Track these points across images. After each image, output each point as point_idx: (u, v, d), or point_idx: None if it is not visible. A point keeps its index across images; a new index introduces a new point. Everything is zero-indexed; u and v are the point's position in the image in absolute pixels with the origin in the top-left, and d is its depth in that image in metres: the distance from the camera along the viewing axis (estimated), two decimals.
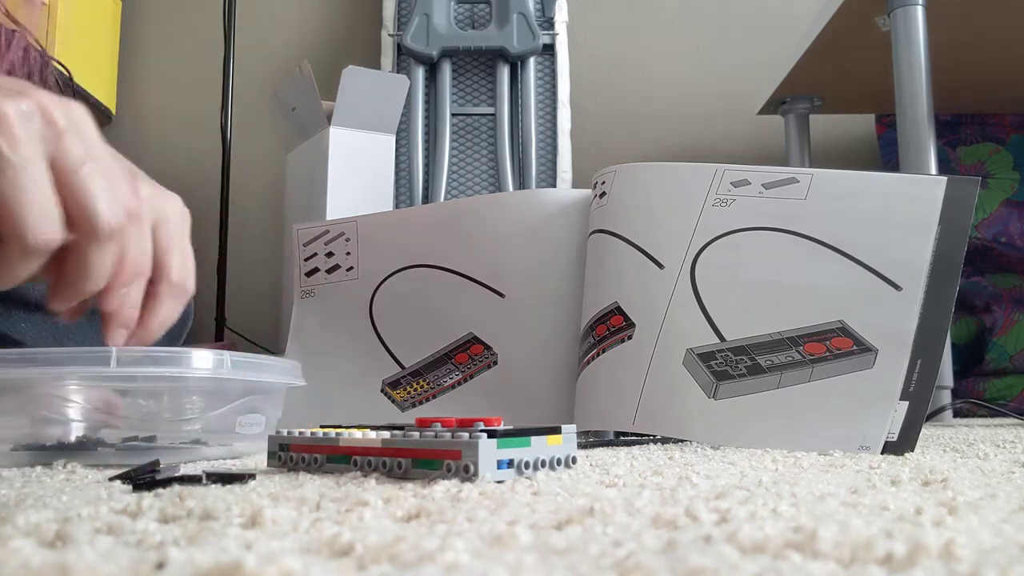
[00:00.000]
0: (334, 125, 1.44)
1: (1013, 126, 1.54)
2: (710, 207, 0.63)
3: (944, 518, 0.25)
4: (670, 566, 0.18)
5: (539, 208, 0.72)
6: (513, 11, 1.61)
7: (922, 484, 0.34)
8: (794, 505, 0.28)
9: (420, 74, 1.63)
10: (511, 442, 0.35)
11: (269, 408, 0.52)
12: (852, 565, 0.18)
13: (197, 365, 0.45)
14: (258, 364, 0.49)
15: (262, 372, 0.50)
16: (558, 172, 1.60)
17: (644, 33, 1.88)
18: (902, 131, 1.04)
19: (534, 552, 0.20)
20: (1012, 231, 1.47)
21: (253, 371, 0.49)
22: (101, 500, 0.29)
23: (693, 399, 0.58)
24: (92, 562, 0.18)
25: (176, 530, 0.23)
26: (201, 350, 0.46)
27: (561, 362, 0.68)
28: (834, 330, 0.57)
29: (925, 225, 0.57)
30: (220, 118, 1.72)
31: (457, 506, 0.27)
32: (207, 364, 0.45)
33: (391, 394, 0.72)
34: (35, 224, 0.35)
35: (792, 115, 1.51)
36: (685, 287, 0.61)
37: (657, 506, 0.27)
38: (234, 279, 1.77)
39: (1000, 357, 1.43)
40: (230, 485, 0.34)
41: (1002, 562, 0.18)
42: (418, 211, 1.05)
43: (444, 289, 0.73)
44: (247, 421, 0.50)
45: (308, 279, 0.78)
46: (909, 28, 1.04)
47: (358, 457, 0.38)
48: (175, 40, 1.90)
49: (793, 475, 0.38)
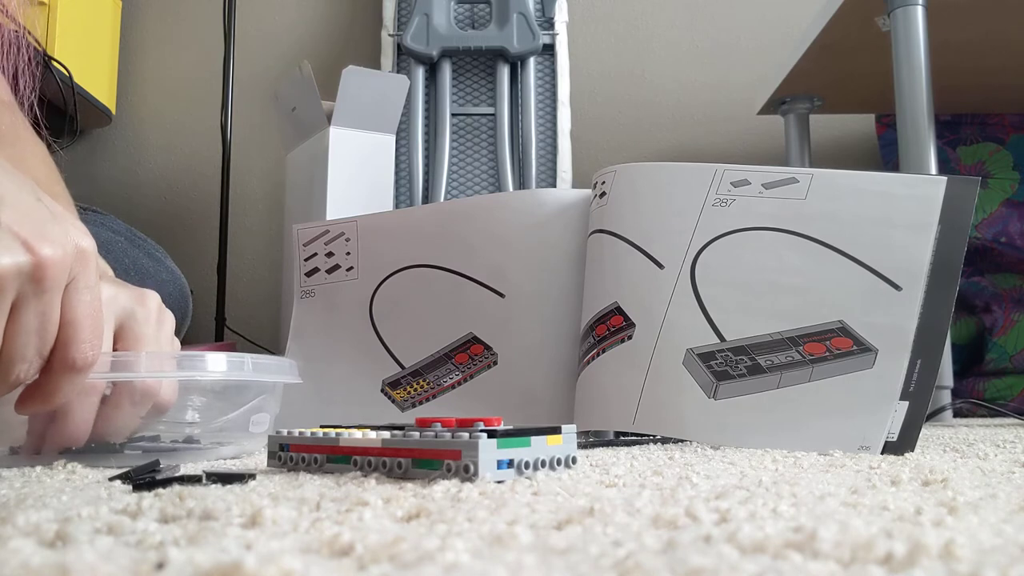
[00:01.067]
0: (334, 125, 1.43)
1: (1013, 126, 1.54)
2: (710, 207, 0.63)
3: (944, 518, 0.25)
4: (670, 566, 0.18)
5: (539, 208, 0.72)
6: (513, 11, 1.61)
7: (922, 484, 0.34)
8: (794, 505, 0.28)
9: (420, 74, 1.63)
10: (511, 442, 0.35)
11: (273, 406, 0.53)
12: (852, 565, 0.18)
13: (215, 368, 0.47)
14: (270, 365, 0.50)
15: (273, 373, 0.51)
16: (558, 172, 1.60)
17: (644, 33, 1.88)
18: (902, 131, 1.04)
19: (534, 552, 0.20)
20: (1012, 231, 1.47)
21: (267, 372, 0.50)
22: (101, 500, 0.29)
23: (693, 399, 0.58)
24: (92, 562, 0.18)
25: (176, 530, 0.23)
26: (217, 353, 0.47)
27: (561, 362, 0.68)
28: (834, 330, 0.57)
29: (925, 225, 0.57)
30: (220, 118, 1.72)
31: (457, 506, 0.27)
32: (222, 367, 0.47)
33: (391, 394, 0.72)
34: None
35: (792, 115, 1.51)
36: (685, 287, 0.61)
37: (657, 506, 0.27)
38: (234, 279, 1.77)
39: (1000, 357, 1.43)
40: (230, 485, 0.34)
41: (1002, 562, 0.18)
42: (418, 211, 1.05)
43: (444, 289, 0.73)
44: (258, 420, 0.51)
45: (308, 279, 0.78)
46: (909, 28, 1.04)
47: (358, 457, 0.38)
48: (175, 40, 1.90)
49: (793, 475, 0.38)
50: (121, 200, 1.82)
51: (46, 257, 0.36)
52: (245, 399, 0.50)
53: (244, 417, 0.50)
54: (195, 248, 1.79)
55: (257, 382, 0.50)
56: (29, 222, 0.36)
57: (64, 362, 0.38)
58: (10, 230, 0.35)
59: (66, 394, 0.39)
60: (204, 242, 1.80)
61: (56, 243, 0.36)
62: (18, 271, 0.35)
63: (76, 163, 1.79)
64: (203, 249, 1.78)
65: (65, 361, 0.38)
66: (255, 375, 0.49)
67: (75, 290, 0.38)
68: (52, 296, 0.37)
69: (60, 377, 0.39)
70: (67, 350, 0.38)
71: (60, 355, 0.38)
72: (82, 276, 0.38)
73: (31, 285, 0.36)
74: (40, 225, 0.36)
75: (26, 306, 0.36)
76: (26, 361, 0.37)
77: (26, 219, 0.36)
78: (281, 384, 0.54)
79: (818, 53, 1.27)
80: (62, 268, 0.37)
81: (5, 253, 0.35)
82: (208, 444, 0.49)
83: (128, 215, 1.66)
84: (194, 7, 1.89)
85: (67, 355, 0.38)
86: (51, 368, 0.38)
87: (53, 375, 0.39)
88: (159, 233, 1.70)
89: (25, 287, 0.36)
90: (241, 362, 0.48)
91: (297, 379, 0.54)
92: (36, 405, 0.39)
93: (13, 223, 0.36)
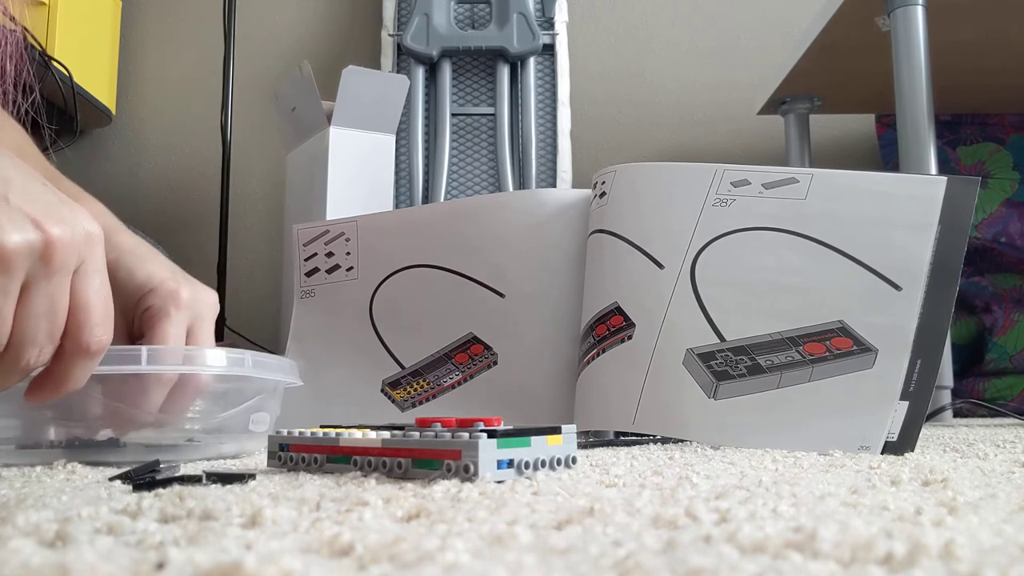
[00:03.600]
0: (334, 125, 1.43)
1: (1013, 126, 1.54)
2: (710, 207, 0.63)
3: (944, 518, 0.25)
4: (670, 566, 0.18)
5: (539, 208, 0.72)
6: (513, 11, 1.61)
7: (922, 484, 0.34)
8: (794, 505, 0.28)
9: (420, 74, 1.63)
10: (511, 442, 0.35)
11: (273, 406, 0.53)
12: (852, 565, 0.18)
13: (215, 363, 0.47)
14: (270, 363, 0.50)
15: (273, 371, 0.51)
16: (558, 172, 1.60)
17: (644, 33, 1.88)
18: (902, 131, 1.04)
19: (534, 552, 0.20)
20: (1012, 231, 1.47)
21: (267, 370, 0.50)
22: (101, 500, 0.29)
23: (693, 399, 0.58)
24: (92, 562, 0.18)
25: (176, 530, 0.23)
26: (217, 349, 0.48)
27: (561, 362, 0.68)
28: (834, 330, 0.57)
29: (925, 225, 0.57)
30: (220, 118, 1.72)
31: (457, 506, 0.27)
32: (222, 362, 0.47)
33: (391, 394, 0.72)
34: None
35: (792, 115, 1.51)
36: (685, 287, 0.61)
37: (657, 506, 0.27)
38: (234, 279, 1.77)
39: (1000, 357, 1.43)
40: (230, 485, 0.34)
41: (1002, 562, 0.18)
42: (418, 211, 1.05)
43: (444, 289, 0.73)
44: (257, 419, 0.51)
45: (308, 279, 0.78)
46: (909, 28, 1.04)
47: (358, 457, 0.38)
48: (175, 40, 1.90)
49: (793, 475, 0.38)
50: (121, 200, 1.82)
51: (56, 236, 0.36)
52: (244, 397, 0.50)
53: (244, 416, 0.50)
54: (195, 248, 1.79)
55: (257, 380, 0.50)
56: (39, 204, 0.36)
57: (77, 346, 0.38)
58: (20, 210, 0.35)
59: (79, 381, 0.39)
60: (204, 242, 1.80)
61: (65, 224, 0.36)
62: (29, 249, 0.35)
63: (76, 163, 1.79)
64: (203, 249, 1.78)
65: (79, 345, 0.38)
66: (255, 372, 0.49)
67: (84, 273, 0.38)
68: (62, 278, 0.37)
69: (73, 362, 0.38)
70: (80, 334, 0.38)
71: (72, 339, 0.38)
72: (91, 260, 0.38)
73: (41, 266, 0.36)
74: (50, 207, 0.36)
75: (36, 288, 0.36)
76: (37, 346, 0.37)
77: (36, 201, 0.36)
78: (282, 384, 0.54)
79: (818, 53, 1.27)
80: (72, 249, 0.36)
81: (15, 230, 0.34)
82: (206, 441, 0.50)
83: (128, 215, 1.65)
84: (194, 7, 1.89)
85: (80, 339, 0.38)
86: (63, 353, 0.38)
87: (65, 360, 0.38)
88: (159, 233, 1.70)
89: (35, 268, 0.35)
90: (241, 359, 0.48)
91: (297, 381, 0.54)
92: (47, 393, 0.39)
93: (23, 203, 0.35)
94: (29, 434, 0.45)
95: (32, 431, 0.45)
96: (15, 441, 0.45)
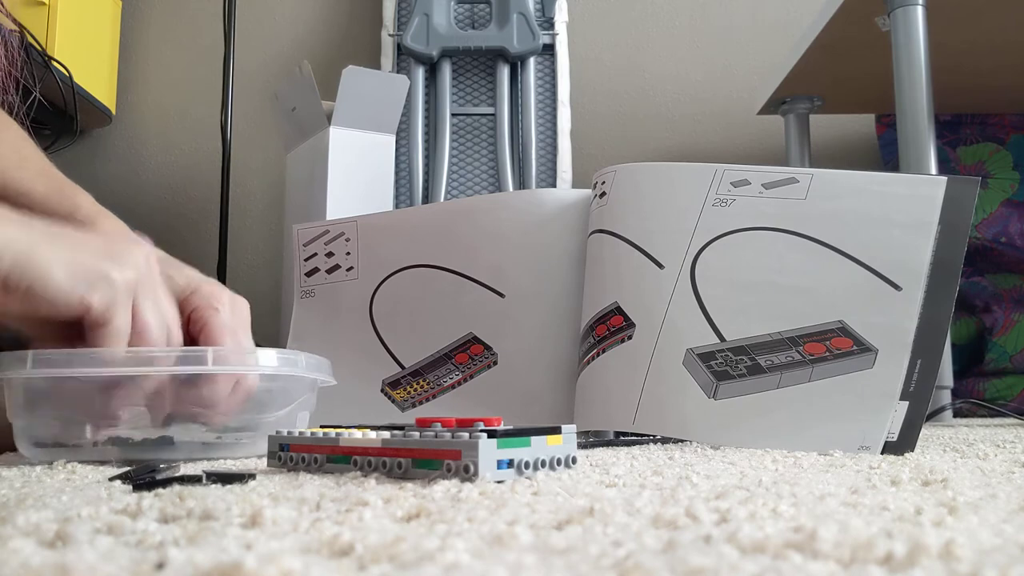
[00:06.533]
0: (334, 125, 1.43)
1: (1013, 126, 1.54)
2: (710, 207, 0.63)
3: (944, 518, 0.25)
4: (670, 566, 0.18)
5: (539, 208, 0.72)
6: (513, 11, 1.61)
7: (922, 484, 0.34)
8: (794, 505, 0.28)
9: (420, 74, 1.63)
10: (511, 442, 0.35)
11: (314, 404, 0.55)
12: (852, 565, 0.18)
13: (265, 363, 0.49)
14: (315, 364, 0.52)
15: (318, 371, 0.52)
16: (558, 172, 1.60)
17: (644, 33, 1.88)
18: (902, 131, 1.04)
19: (534, 552, 0.20)
20: (1012, 231, 1.47)
21: (314, 370, 0.52)
22: (101, 500, 0.29)
23: (693, 399, 0.58)
24: (92, 562, 0.18)
25: (176, 530, 0.23)
26: (269, 350, 0.49)
27: (561, 362, 0.68)
28: (834, 330, 0.57)
29: (925, 225, 0.57)
30: (220, 118, 1.72)
31: (457, 506, 0.27)
32: (274, 362, 0.49)
33: (391, 394, 0.72)
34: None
35: (792, 115, 1.51)
36: (685, 287, 0.61)
37: (657, 506, 0.27)
38: (234, 279, 1.77)
39: (1000, 357, 1.43)
40: (230, 485, 0.34)
41: (1002, 562, 0.18)
42: (418, 211, 1.05)
43: (444, 289, 0.73)
44: (302, 417, 0.53)
45: (308, 279, 0.78)
46: (909, 28, 1.04)
47: (358, 457, 0.38)
48: (175, 40, 1.90)
49: (793, 475, 0.38)
50: (121, 200, 1.82)
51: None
52: (291, 396, 0.52)
53: (293, 414, 0.52)
54: (195, 248, 1.79)
55: (306, 379, 0.52)
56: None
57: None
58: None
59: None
60: (204, 242, 1.80)
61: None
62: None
63: (76, 163, 1.79)
64: (203, 249, 1.78)
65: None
66: (307, 372, 0.51)
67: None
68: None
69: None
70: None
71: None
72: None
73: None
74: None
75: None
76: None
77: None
78: (318, 383, 0.55)
79: (818, 53, 1.27)
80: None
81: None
82: (254, 439, 0.51)
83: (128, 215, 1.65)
84: (194, 7, 1.89)
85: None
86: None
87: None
88: (159, 233, 1.70)
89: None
90: (295, 359, 0.50)
91: (332, 379, 0.55)
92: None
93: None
94: (72, 433, 0.46)
95: (72, 431, 0.46)
96: (64, 440, 0.46)
